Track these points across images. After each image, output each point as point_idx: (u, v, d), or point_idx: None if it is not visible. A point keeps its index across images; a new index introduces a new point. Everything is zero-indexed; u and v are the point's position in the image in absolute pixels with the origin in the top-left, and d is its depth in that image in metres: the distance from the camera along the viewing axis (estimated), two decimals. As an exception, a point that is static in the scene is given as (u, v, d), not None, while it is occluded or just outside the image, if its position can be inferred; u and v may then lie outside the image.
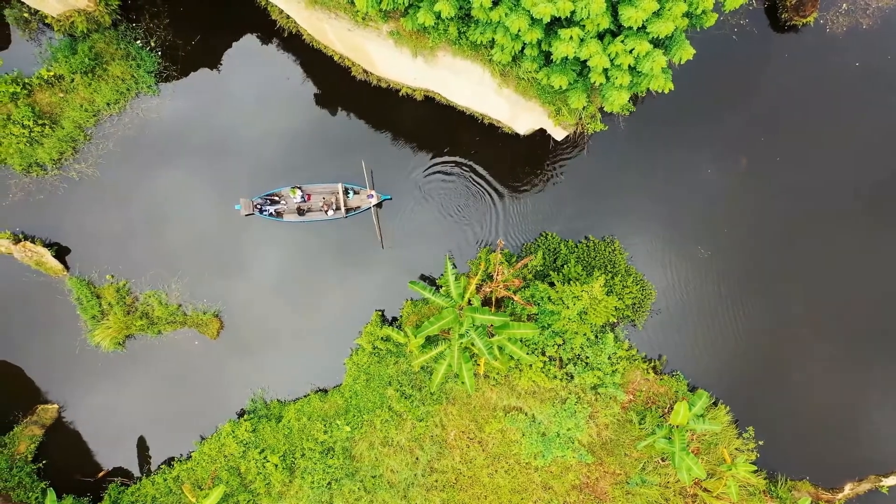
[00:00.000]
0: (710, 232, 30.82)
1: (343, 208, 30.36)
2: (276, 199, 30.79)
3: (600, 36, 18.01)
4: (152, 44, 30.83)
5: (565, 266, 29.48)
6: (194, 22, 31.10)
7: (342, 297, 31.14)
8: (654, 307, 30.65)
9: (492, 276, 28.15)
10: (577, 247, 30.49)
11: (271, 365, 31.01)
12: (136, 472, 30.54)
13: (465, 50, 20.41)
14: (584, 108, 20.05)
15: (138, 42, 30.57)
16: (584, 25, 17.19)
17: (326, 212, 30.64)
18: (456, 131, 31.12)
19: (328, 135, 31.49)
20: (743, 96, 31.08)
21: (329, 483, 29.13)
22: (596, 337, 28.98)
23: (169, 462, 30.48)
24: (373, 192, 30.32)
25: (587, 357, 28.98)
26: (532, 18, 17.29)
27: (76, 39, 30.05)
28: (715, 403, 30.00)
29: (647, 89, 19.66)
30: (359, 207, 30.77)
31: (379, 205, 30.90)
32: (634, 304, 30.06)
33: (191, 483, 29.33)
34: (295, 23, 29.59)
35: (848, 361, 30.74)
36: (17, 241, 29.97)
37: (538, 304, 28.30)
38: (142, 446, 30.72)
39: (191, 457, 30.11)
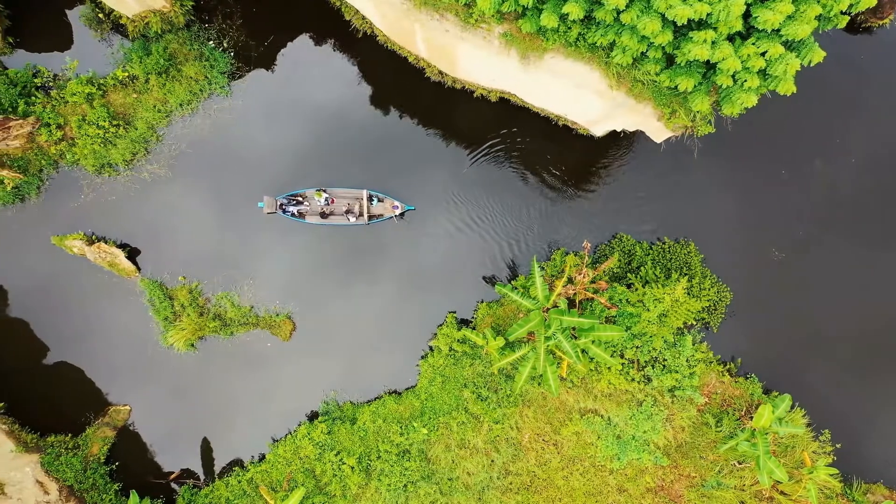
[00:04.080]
0: (784, 234, 30.69)
1: (366, 215, 30.00)
2: (300, 199, 30.55)
3: (730, 38, 17.91)
4: (225, 44, 30.68)
5: (642, 268, 29.36)
6: (267, 22, 30.94)
7: (408, 301, 31.01)
8: (727, 309, 30.53)
9: (571, 278, 28.02)
10: (651, 248, 30.36)
11: (342, 367, 30.94)
12: (207, 474, 30.48)
13: (582, 52, 20.24)
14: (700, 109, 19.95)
15: (211, 43, 30.40)
16: (716, 28, 17.11)
17: (348, 217, 30.31)
18: (527, 133, 30.95)
19: (391, 135, 31.32)
20: (817, 98, 30.88)
21: (405, 485, 29.03)
22: (674, 339, 28.85)
23: (240, 464, 30.41)
24: (397, 203, 30.14)
25: (665, 360, 28.85)
26: (663, 21, 17.19)
27: (149, 40, 29.90)
28: (791, 406, 29.85)
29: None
30: (381, 216, 30.44)
31: (401, 215, 30.71)
32: (709, 306, 29.94)
33: (265, 485, 29.25)
34: (370, 23, 29.43)
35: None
36: (90, 242, 29.87)
37: (617, 305, 28.18)
38: (212, 448, 30.65)
39: (264, 459, 30.06)
